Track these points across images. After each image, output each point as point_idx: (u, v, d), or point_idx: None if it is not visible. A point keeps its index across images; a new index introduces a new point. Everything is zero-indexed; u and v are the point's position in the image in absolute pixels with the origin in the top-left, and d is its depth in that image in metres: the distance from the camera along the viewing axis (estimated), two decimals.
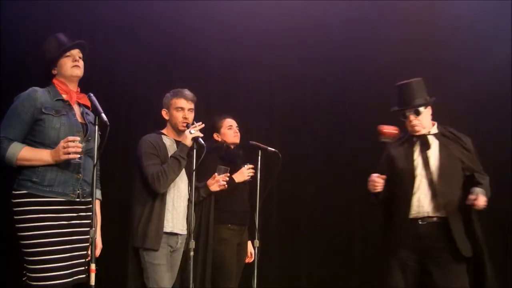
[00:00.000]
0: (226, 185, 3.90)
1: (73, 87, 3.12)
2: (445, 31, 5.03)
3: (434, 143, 3.56)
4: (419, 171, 3.49)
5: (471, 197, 3.28)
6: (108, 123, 2.82)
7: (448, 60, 5.01)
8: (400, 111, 3.58)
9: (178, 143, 3.62)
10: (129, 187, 3.71)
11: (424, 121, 3.55)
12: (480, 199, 3.27)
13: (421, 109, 3.53)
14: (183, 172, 3.66)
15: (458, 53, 4.96)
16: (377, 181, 3.42)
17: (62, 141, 2.88)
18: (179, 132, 3.66)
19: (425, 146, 3.56)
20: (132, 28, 4.86)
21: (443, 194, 3.43)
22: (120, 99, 4.82)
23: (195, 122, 3.59)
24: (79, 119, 3.10)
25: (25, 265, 2.91)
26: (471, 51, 4.87)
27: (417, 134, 3.56)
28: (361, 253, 5.24)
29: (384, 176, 3.44)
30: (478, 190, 3.31)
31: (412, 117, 3.53)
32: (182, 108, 3.66)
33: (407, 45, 5.04)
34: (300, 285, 5.28)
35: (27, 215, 2.89)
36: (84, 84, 3.20)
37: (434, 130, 3.59)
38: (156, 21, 4.97)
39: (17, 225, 2.92)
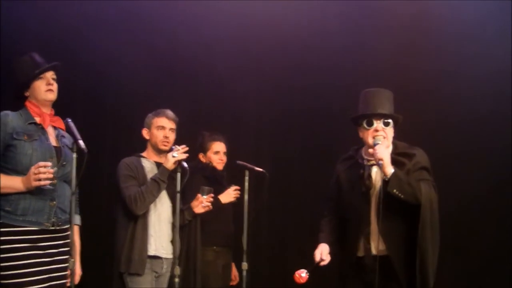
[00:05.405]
0: (211, 206, 3.79)
1: (46, 110, 3.04)
2: (442, 34, 4.80)
3: (379, 173, 3.09)
4: (364, 206, 3.13)
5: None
6: (86, 150, 2.74)
7: (447, 62, 4.78)
8: (364, 118, 3.12)
9: (159, 165, 3.55)
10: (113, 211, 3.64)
11: (389, 137, 3.13)
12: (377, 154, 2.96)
13: (391, 122, 3.12)
14: (165, 195, 3.60)
15: (457, 55, 4.76)
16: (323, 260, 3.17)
17: (32, 167, 2.79)
18: (160, 152, 3.60)
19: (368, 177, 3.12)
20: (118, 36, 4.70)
21: (384, 233, 3.07)
22: (105, 117, 4.76)
23: (177, 146, 3.50)
24: (54, 143, 3.01)
25: None
26: (470, 53, 4.71)
27: (373, 154, 3.06)
28: None
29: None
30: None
31: (379, 126, 3.10)
32: (163, 127, 3.61)
33: (398, 49, 4.81)
34: None
35: (1, 245, 2.81)
36: (68, 104, 3.14)
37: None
38: (143, 22, 4.83)
39: None
